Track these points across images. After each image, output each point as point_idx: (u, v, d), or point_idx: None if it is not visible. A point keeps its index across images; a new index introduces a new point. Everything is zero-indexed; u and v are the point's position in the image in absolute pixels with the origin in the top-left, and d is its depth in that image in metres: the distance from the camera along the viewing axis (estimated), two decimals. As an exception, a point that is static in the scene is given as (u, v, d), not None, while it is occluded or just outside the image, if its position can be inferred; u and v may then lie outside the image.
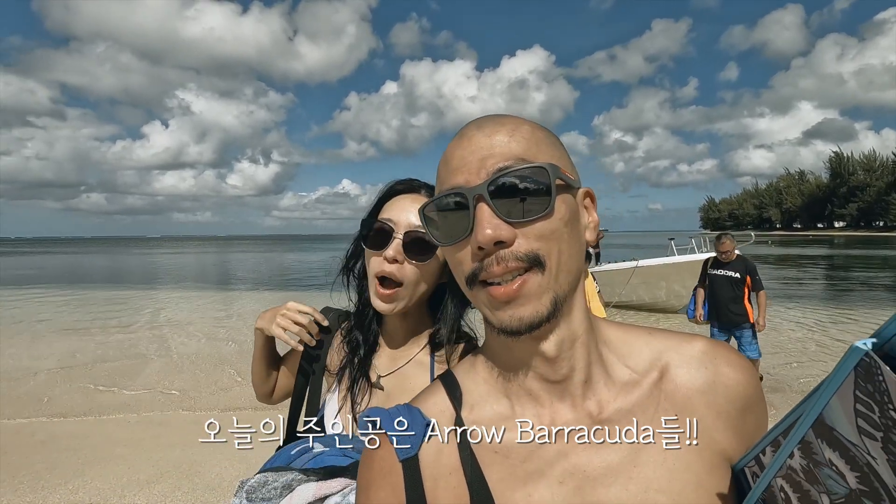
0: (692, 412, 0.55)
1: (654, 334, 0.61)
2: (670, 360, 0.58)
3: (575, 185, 0.54)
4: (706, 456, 0.54)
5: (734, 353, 0.59)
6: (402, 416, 0.58)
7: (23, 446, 4.22)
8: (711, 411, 0.55)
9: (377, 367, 1.06)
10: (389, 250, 0.95)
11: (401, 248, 0.95)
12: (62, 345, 8.42)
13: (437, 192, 0.55)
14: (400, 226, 0.96)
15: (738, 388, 0.56)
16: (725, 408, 0.56)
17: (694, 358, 0.58)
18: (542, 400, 0.56)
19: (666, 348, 0.59)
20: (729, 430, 0.55)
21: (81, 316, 11.71)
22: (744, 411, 0.56)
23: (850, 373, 0.36)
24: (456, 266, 0.54)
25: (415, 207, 0.97)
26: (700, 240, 11.46)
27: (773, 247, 46.41)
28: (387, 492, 0.56)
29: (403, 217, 0.97)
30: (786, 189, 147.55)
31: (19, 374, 6.58)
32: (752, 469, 0.52)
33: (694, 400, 0.56)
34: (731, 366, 0.57)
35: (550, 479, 0.53)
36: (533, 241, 0.49)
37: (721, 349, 0.59)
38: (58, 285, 19.84)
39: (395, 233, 0.96)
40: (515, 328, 0.50)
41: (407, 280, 0.96)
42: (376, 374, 1.05)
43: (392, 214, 0.98)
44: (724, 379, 0.56)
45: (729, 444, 0.55)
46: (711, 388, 0.56)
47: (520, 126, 0.53)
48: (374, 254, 0.97)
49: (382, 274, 0.96)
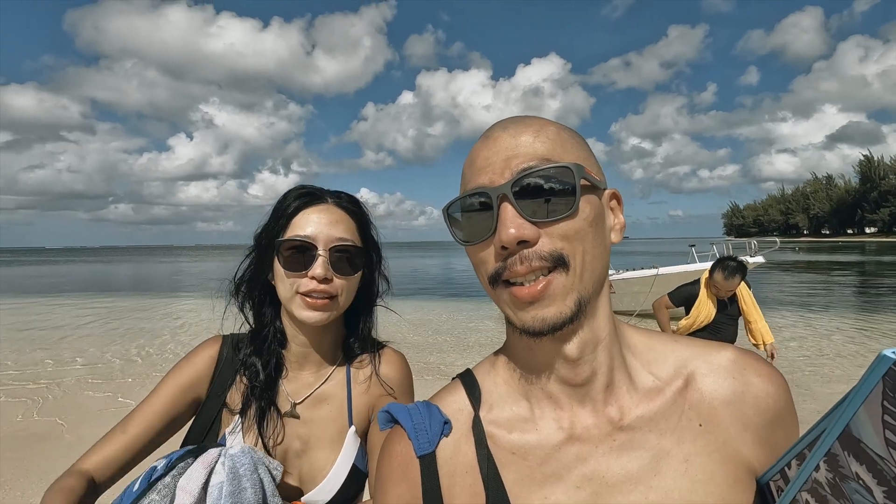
0: (718, 423, 0.54)
1: (681, 341, 0.60)
2: (696, 368, 0.56)
3: (601, 185, 0.53)
4: (730, 468, 0.52)
5: (765, 364, 0.57)
6: (420, 413, 0.59)
7: (52, 450, 4.34)
8: (738, 423, 0.54)
9: (289, 394, 0.97)
10: (317, 269, 0.89)
11: (328, 265, 0.90)
12: (90, 347, 8.66)
13: (461, 193, 0.55)
14: (320, 241, 0.91)
15: (767, 400, 0.54)
16: (753, 420, 0.54)
17: (722, 367, 0.56)
18: (562, 403, 0.55)
19: (692, 356, 0.57)
20: (756, 443, 0.53)
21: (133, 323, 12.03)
22: (773, 424, 0.54)
23: (878, 382, 0.34)
24: (479, 265, 0.54)
25: (329, 218, 0.93)
26: (722, 246, 11.18)
27: (800, 253, 45.15)
28: (404, 486, 0.57)
29: (323, 232, 0.91)
30: (813, 194, 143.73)
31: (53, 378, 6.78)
32: (777, 483, 0.50)
33: (720, 410, 0.54)
34: (760, 376, 0.55)
35: (568, 483, 0.52)
36: (557, 241, 0.49)
37: (751, 359, 0.57)
38: (121, 293, 20.43)
39: (318, 250, 0.90)
40: (538, 329, 0.49)
41: (337, 293, 0.92)
42: (289, 401, 0.96)
43: (307, 230, 0.91)
44: (753, 390, 0.55)
45: (755, 458, 0.53)
46: (739, 398, 0.54)
47: (545, 127, 0.53)
48: (296, 275, 0.90)
49: (313, 291, 0.90)
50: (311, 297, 0.90)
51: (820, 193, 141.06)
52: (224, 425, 0.94)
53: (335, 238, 0.92)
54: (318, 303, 0.90)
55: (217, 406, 0.95)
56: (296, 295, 0.90)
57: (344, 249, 0.93)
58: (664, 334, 0.61)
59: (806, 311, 11.41)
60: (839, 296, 15.22)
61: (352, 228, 0.96)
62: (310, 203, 0.94)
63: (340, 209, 0.96)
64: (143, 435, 0.90)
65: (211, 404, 0.95)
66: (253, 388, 0.94)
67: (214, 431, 0.94)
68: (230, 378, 0.96)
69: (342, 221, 0.95)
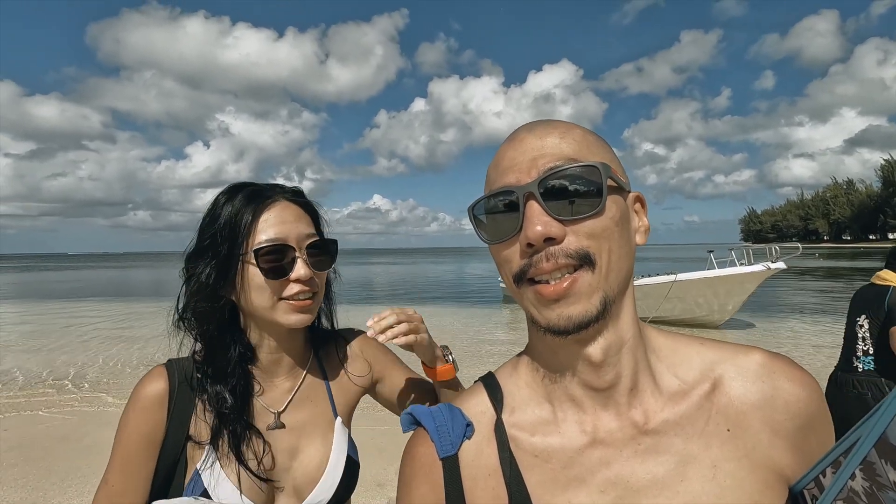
0: (747, 428, 0.52)
1: (707, 344, 0.59)
2: (724, 372, 0.55)
3: (626, 187, 0.54)
4: (760, 474, 0.51)
5: (796, 368, 0.55)
6: (443, 416, 0.58)
7: (71, 451, 4.42)
8: (768, 428, 0.52)
9: (268, 407, 0.92)
10: (301, 270, 0.86)
11: (308, 264, 0.88)
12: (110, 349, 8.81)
13: (486, 193, 0.55)
14: (294, 241, 0.87)
15: (798, 405, 0.53)
16: (784, 425, 0.52)
17: (750, 371, 0.55)
18: (585, 406, 0.54)
19: (720, 359, 0.56)
20: (787, 449, 0.52)
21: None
22: (805, 430, 0.53)
23: None
24: (503, 264, 0.53)
25: (292, 215, 0.89)
26: (741, 252, 10.98)
27: (820, 259, 44.15)
28: (427, 488, 0.57)
29: (292, 231, 0.87)
30: (833, 199, 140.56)
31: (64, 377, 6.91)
32: (811, 491, 0.49)
33: (749, 415, 0.53)
34: (791, 381, 0.54)
35: (591, 487, 0.52)
36: (583, 239, 0.49)
37: (781, 362, 0.55)
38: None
39: (296, 251, 0.87)
40: (563, 327, 0.49)
41: (318, 288, 0.91)
42: (271, 413, 0.92)
43: (275, 232, 0.86)
44: (784, 394, 0.53)
45: (787, 464, 0.52)
46: (769, 403, 0.53)
47: (571, 129, 0.54)
48: (278, 281, 0.86)
49: (299, 294, 0.87)
50: (295, 299, 0.87)
51: (840, 198, 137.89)
52: (192, 462, 0.85)
53: (305, 235, 0.89)
54: (304, 304, 0.88)
55: (179, 442, 0.85)
56: (278, 301, 0.86)
57: (315, 245, 0.90)
58: (689, 336, 0.60)
59: (839, 318, 11.16)
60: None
61: (310, 221, 0.93)
62: (265, 203, 0.87)
63: (295, 204, 0.91)
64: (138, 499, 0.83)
65: (172, 442, 0.85)
66: (221, 415, 0.86)
67: (181, 472, 0.85)
68: (188, 409, 0.87)
69: (302, 216, 0.91)
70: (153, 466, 0.85)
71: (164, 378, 0.87)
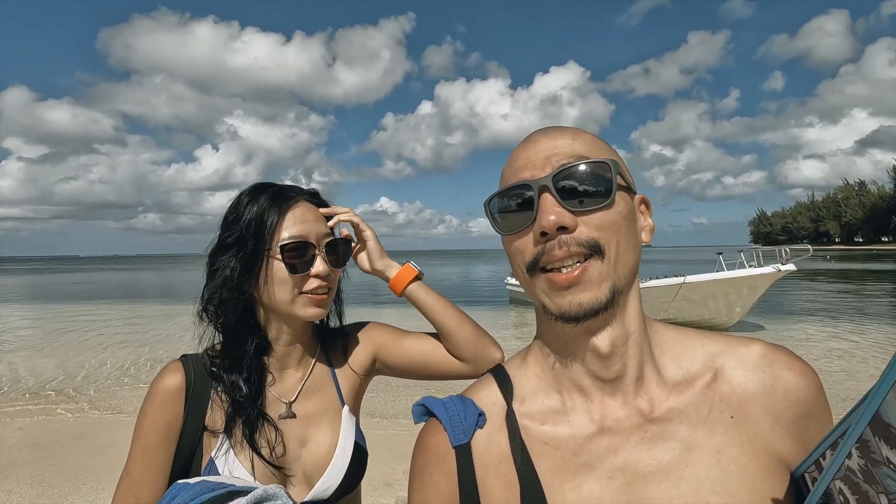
0: (749, 415, 0.54)
1: (710, 336, 0.61)
2: (725, 362, 0.57)
3: (633, 188, 0.58)
4: (762, 460, 0.53)
5: (795, 358, 0.57)
6: (455, 406, 0.61)
7: (85, 450, 4.46)
8: (769, 416, 0.54)
9: (280, 396, 0.96)
10: (320, 266, 0.93)
11: (326, 261, 0.94)
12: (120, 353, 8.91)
13: (501, 188, 0.58)
14: (314, 239, 0.93)
15: (798, 394, 0.55)
16: (784, 413, 0.54)
17: (751, 361, 0.57)
18: (592, 396, 0.57)
19: (721, 351, 0.58)
20: (788, 437, 0.54)
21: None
22: (804, 418, 0.55)
23: None
24: (516, 254, 0.56)
25: (312, 215, 0.95)
26: (750, 253, 10.88)
27: (832, 262, 43.56)
28: (440, 475, 0.59)
29: (313, 229, 0.94)
30: (844, 200, 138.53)
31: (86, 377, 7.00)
32: (812, 475, 0.50)
33: (751, 403, 0.55)
34: (791, 370, 0.56)
35: (600, 473, 0.54)
36: (594, 230, 0.52)
37: (780, 353, 0.57)
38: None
39: (315, 248, 0.93)
40: (574, 314, 0.52)
41: (333, 284, 0.97)
42: (282, 402, 0.96)
43: (298, 230, 0.92)
44: (783, 383, 0.55)
45: (787, 451, 0.54)
46: (769, 392, 0.55)
47: (582, 133, 0.58)
48: (299, 276, 0.91)
49: (318, 289, 0.93)
50: (314, 293, 0.93)
51: (852, 200, 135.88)
52: (207, 450, 0.90)
53: (324, 234, 0.95)
54: (321, 298, 0.94)
55: (196, 433, 0.90)
56: (298, 295, 0.92)
57: (332, 244, 0.96)
58: (694, 331, 0.62)
59: (860, 320, 11.02)
60: (879, 306, 14.65)
61: (325, 221, 0.99)
62: (288, 203, 0.94)
63: (312, 204, 0.98)
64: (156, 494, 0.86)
65: (189, 432, 0.89)
66: (236, 404, 0.90)
67: (197, 460, 0.89)
68: (205, 400, 0.91)
69: (320, 217, 0.98)
70: (171, 456, 0.88)
71: (181, 372, 0.91)
